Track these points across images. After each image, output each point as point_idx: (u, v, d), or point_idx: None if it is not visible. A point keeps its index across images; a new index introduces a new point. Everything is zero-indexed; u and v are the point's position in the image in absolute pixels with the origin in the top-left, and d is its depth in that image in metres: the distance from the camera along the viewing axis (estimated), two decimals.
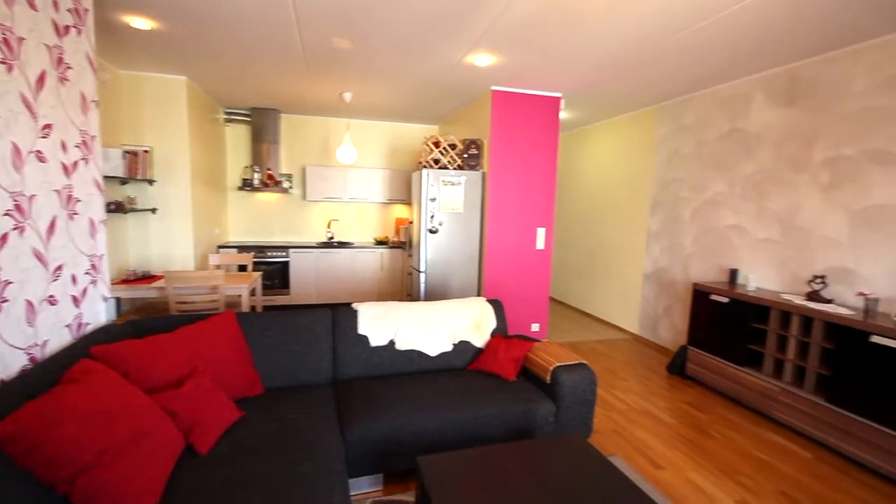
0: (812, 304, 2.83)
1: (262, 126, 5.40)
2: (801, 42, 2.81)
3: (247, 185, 5.44)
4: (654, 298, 4.63)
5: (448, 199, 3.97)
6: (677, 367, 3.86)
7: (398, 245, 5.68)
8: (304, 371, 2.48)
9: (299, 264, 5.38)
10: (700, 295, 3.61)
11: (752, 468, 2.51)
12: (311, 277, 5.42)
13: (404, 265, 5.64)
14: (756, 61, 3.18)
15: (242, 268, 4.91)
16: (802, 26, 2.58)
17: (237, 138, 5.63)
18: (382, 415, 2.15)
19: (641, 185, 4.78)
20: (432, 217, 3.95)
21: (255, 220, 5.79)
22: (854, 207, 2.84)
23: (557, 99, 4.14)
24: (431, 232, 3.96)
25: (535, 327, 4.46)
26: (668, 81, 3.70)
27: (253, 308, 4.16)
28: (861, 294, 2.74)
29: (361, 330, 2.67)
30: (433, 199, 3.92)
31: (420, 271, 4.05)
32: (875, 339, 2.43)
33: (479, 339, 2.86)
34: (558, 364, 2.47)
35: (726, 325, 3.37)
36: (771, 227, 3.38)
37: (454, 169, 4.02)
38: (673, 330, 4.36)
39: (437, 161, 4.02)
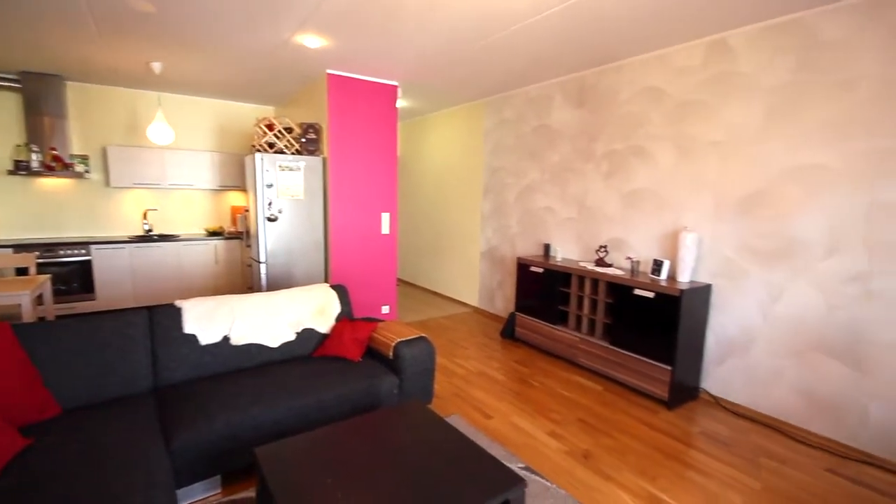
0: (598, 269, 3.53)
1: (38, 95, 4.35)
2: (584, 54, 3.41)
3: (21, 167, 4.35)
4: (489, 274, 5.18)
5: (287, 186, 3.80)
6: (508, 331, 4.43)
7: (235, 235, 5.22)
8: (114, 383, 2.18)
9: (106, 263, 4.56)
10: (522, 267, 4.18)
11: (560, 405, 3.06)
12: (124, 277, 4.65)
13: (243, 257, 5.23)
14: (554, 68, 3.76)
15: (22, 271, 3.96)
16: (583, 41, 3.14)
17: (1, 109, 4.44)
18: (216, 415, 2.02)
19: (474, 171, 5.26)
20: (270, 204, 3.75)
21: (39, 211, 4.68)
22: (623, 191, 3.61)
23: (394, 87, 4.27)
24: (270, 220, 3.76)
25: (385, 309, 4.61)
26: (487, 79, 4.13)
27: (42, 319, 3.42)
28: (628, 258, 3.53)
29: (188, 329, 2.44)
30: (270, 186, 3.71)
31: (260, 262, 3.82)
32: (637, 291, 3.16)
33: (324, 325, 2.86)
34: (400, 340, 2.64)
35: (542, 291, 3.99)
36: (571, 208, 4.09)
37: (292, 154, 3.86)
38: (505, 300, 4.96)
39: (271, 145, 3.81)
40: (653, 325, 3.07)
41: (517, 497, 1.57)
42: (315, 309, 2.88)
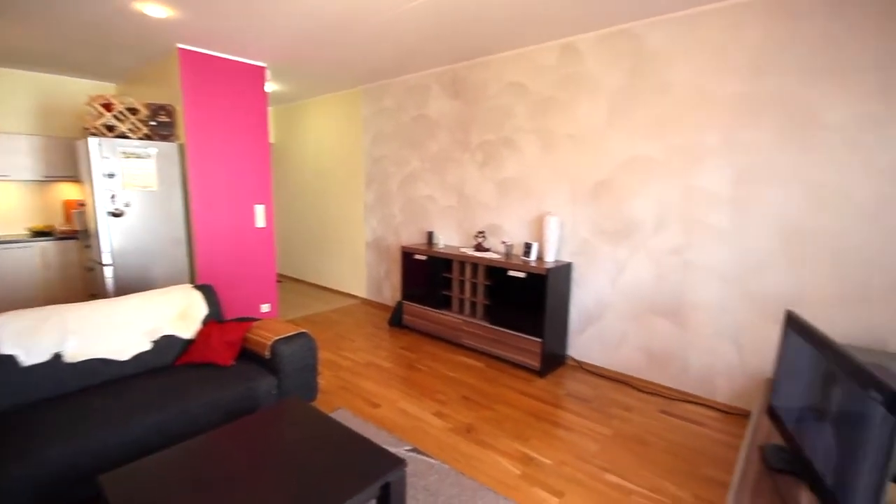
0: (477, 254, 3.74)
1: None
2: (453, 48, 3.53)
3: None
4: (376, 264, 5.15)
5: (135, 175, 3.32)
6: (396, 319, 4.47)
7: (69, 235, 4.42)
8: None
9: None
10: (407, 255, 4.24)
11: (445, 385, 3.20)
12: None
13: (82, 259, 4.46)
14: (427, 59, 3.83)
15: None
16: (450, 35, 3.25)
17: None
18: (50, 443, 1.73)
19: (356, 160, 5.15)
20: (114, 197, 3.24)
21: None
22: (496, 179, 3.86)
23: (262, 69, 3.97)
24: (115, 215, 3.25)
25: (265, 308, 4.32)
26: (362, 66, 4.06)
27: None
28: (503, 242, 3.79)
29: (5, 349, 2.02)
30: (111, 175, 3.21)
31: (104, 264, 3.30)
32: (511, 273, 3.42)
33: (188, 331, 2.59)
34: (277, 338, 2.51)
35: (427, 278, 4.09)
36: (451, 196, 4.25)
37: (139, 139, 3.38)
38: (393, 289, 4.99)
39: (111, 128, 3.28)
40: (525, 302, 3.35)
41: (397, 478, 1.61)
42: (176, 313, 2.59)
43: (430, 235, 4.36)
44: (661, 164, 2.96)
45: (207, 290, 2.79)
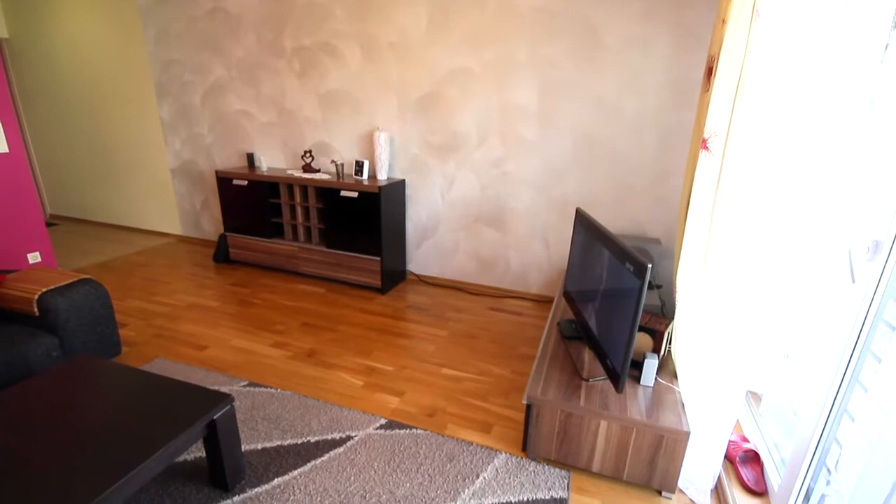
0: (306, 175, 3.47)
1: None
2: None
3: None
4: (188, 194, 4.43)
5: None
6: (222, 255, 4.00)
7: None
8: None
9: None
10: (223, 182, 3.72)
11: (284, 315, 3.06)
12: None
13: None
14: None
15: None
16: None
17: None
18: None
19: (138, 66, 4.12)
20: None
21: None
22: (320, 91, 3.52)
23: None
24: None
25: (34, 258, 3.39)
26: None
27: None
28: (333, 161, 3.58)
29: None
30: None
31: None
32: (343, 193, 3.28)
33: None
34: (46, 289, 2.00)
35: (252, 205, 3.68)
36: (270, 112, 3.76)
37: None
38: (214, 221, 4.40)
39: None
40: (360, 223, 3.29)
41: (224, 414, 1.51)
42: None
43: (250, 157, 3.86)
44: (479, 78, 3.04)
45: None
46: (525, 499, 1.64)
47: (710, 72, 1.53)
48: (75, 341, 2.04)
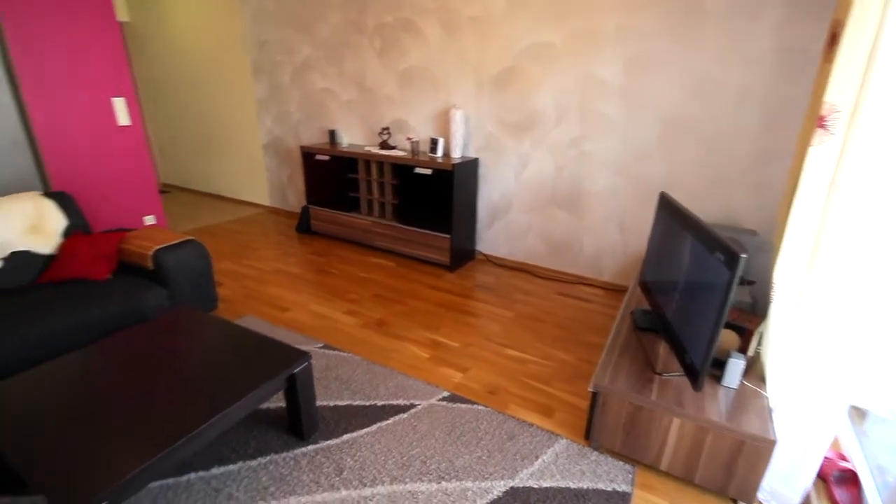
0: (382, 151, 3.57)
1: None
2: None
3: None
4: (277, 168, 4.75)
5: None
6: (304, 226, 4.28)
7: None
8: None
9: None
10: (307, 157, 3.94)
11: (357, 286, 3.22)
12: None
13: None
14: None
15: None
16: None
17: None
18: None
19: (237, 45, 4.44)
20: None
21: None
22: (399, 68, 3.57)
23: None
24: None
25: (149, 220, 3.85)
26: None
27: None
28: (409, 139, 3.64)
29: None
30: None
31: None
32: (417, 170, 3.34)
33: (46, 245, 2.25)
34: (159, 246, 2.27)
35: (332, 180, 3.88)
36: (351, 90, 3.89)
37: None
38: (298, 195, 4.70)
39: None
40: (433, 200, 3.34)
41: (302, 370, 1.63)
42: (25, 226, 2.20)
43: (332, 134, 4.05)
44: (560, 53, 2.90)
45: (63, 198, 2.39)
46: (585, 487, 1.61)
47: (833, 39, 1.33)
48: (181, 294, 2.31)
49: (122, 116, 3.44)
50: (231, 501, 1.51)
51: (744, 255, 1.30)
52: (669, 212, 1.96)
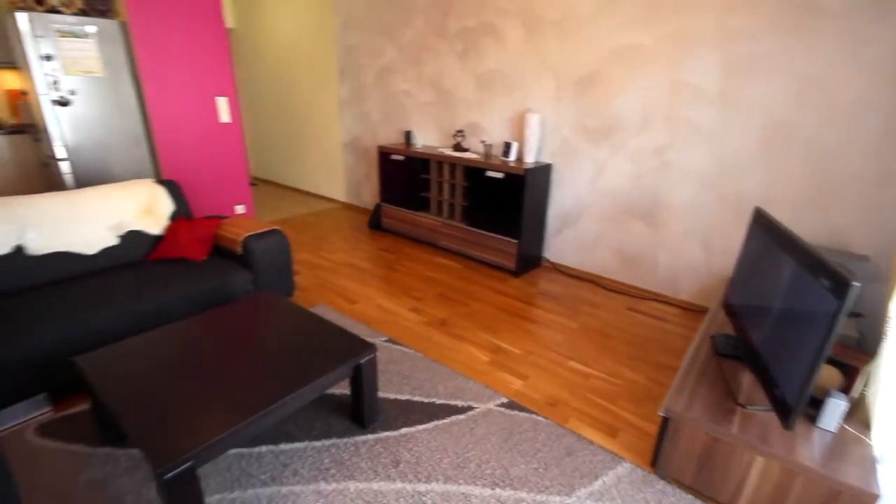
0: (455, 153, 3.61)
1: None
2: None
3: None
4: (354, 166, 4.98)
5: (76, 58, 2.97)
6: (375, 222, 4.44)
7: (18, 129, 4.09)
8: None
9: None
10: (384, 156, 4.08)
11: (422, 284, 3.28)
12: None
13: (38, 155, 4.18)
14: None
15: None
16: None
17: None
18: (21, 332, 1.74)
19: (326, 49, 4.71)
20: (56, 83, 2.93)
21: None
22: (477, 71, 3.59)
23: None
24: (60, 104, 2.97)
25: (239, 209, 4.21)
26: None
27: None
28: (482, 141, 3.65)
29: None
30: (49, 58, 2.87)
31: (58, 159, 3.09)
32: (489, 173, 3.34)
33: (156, 226, 2.53)
34: (248, 234, 2.47)
35: (405, 179, 3.99)
36: (429, 92, 3.98)
37: (74, 13, 2.97)
38: (372, 192, 4.89)
39: (40, 1, 2.86)
40: (502, 204, 3.32)
41: (368, 361, 1.69)
42: (140, 208, 2.50)
43: (407, 135, 4.16)
44: (649, 55, 2.76)
45: (172, 186, 2.68)
46: None
47: None
48: (264, 279, 2.49)
49: (224, 114, 3.78)
50: (296, 477, 1.60)
51: (856, 284, 1.15)
52: (765, 229, 1.79)
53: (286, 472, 1.63)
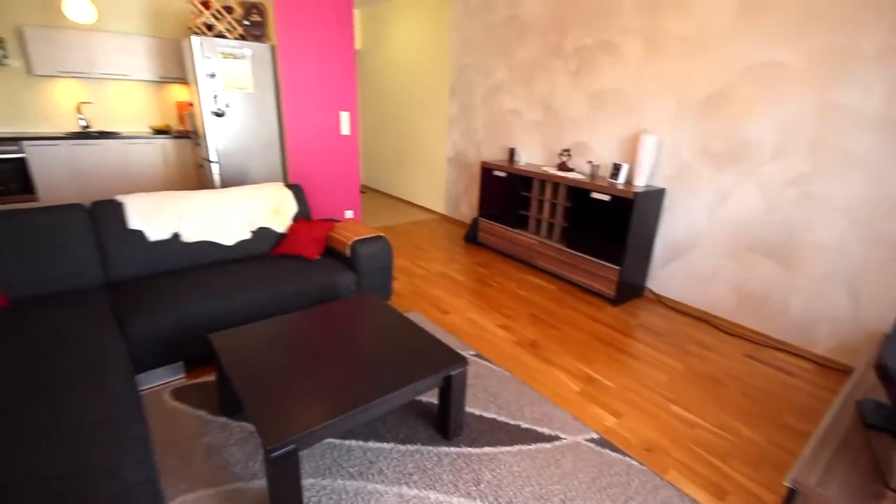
0: (559, 173, 3.53)
1: None
2: None
3: None
4: (456, 180, 5.12)
5: (233, 76, 3.48)
6: (472, 236, 4.50)
7: (183, 135, 4.87)
8: (59, 277, 2.13)
9: (44, 161, 4.22)
10: (486, 172, 4.14)
11: (514, 302, 3.24)
12: (65, 177, 4.35)
13: (195, 158, 4.93)
14: None
15: None
16: None
17: None
18: (171, 305, 2.05)
19: (441, 69, 4.93)
20: (216, 97, 3.45)
21: None
22: (591, 90, 3.50)
23: None
24: (217, 115, 3.49)
25: (348, 214, 4.55)
26: None
27: None
28: (589, 162, 3.52)
29: (133, 224, 2.36)
30: (213, 76, 3.39)
31: (211, 161, 3.62)
32: (594, 195, 3.21)
33: (281, 225, 2.82)
34: (356, 238, 2.65)
35: (505, 195, 4.00)
36: (537, 111, 3.96)
37: (235, 38, 3.48)
38: (470, 206, 4.97)
39: (210, 27, 3.40)
40: (606, 227, 3.17)
41: (459, 373, 1.70)
42: (270, 208, 2.81)
43: (511, 152, 4.17)
44: (795, 74, 2.46)
45: (297, 189, 2.97)
46: None
47: None
48: (366, 282, 2.65)
49: (345, 127, 4.13)
50: (381, 476, 1.66)
51: None
52: None
53: (372, 469, 1.69)
